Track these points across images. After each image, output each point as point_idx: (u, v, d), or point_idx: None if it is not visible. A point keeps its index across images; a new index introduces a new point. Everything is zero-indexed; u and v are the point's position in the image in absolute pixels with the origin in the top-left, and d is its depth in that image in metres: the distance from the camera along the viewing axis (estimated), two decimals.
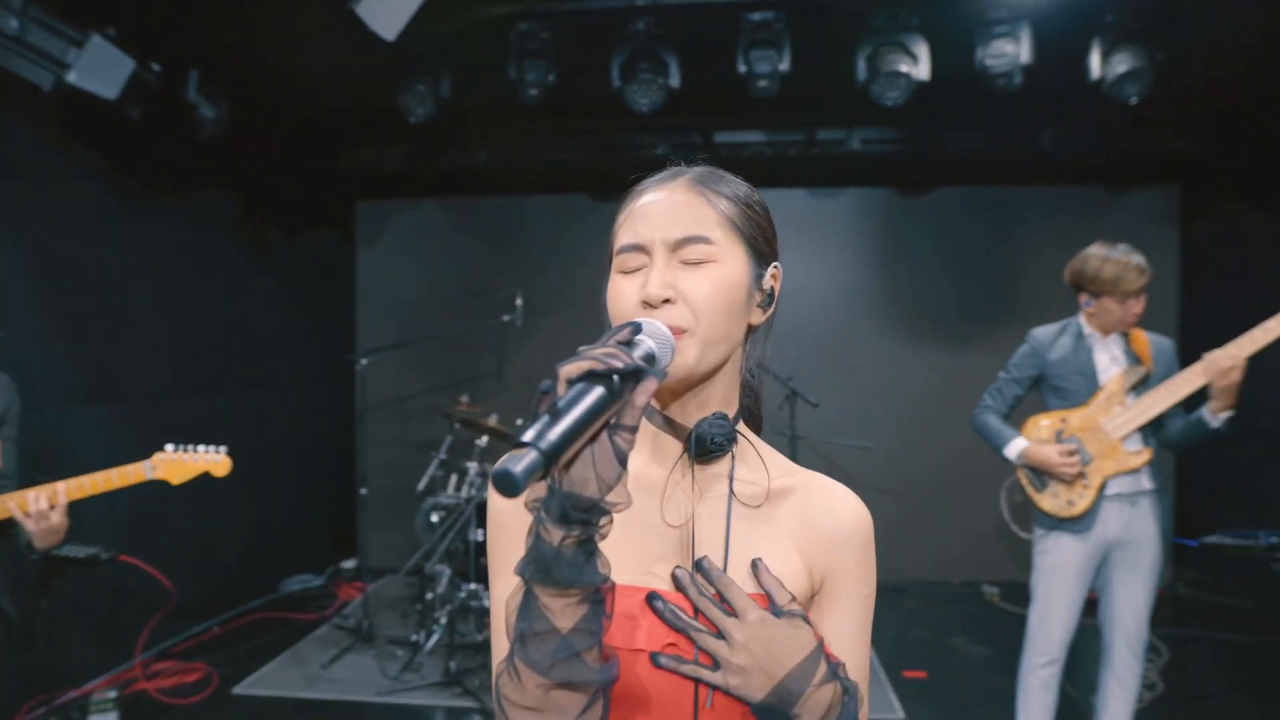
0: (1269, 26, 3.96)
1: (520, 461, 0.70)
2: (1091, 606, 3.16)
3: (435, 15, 3.23)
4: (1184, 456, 5.82)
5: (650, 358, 0.84)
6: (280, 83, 4.65)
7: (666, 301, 0.92)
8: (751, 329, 1.03)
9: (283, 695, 4.22)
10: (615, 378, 0.76)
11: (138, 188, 4.62)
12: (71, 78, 3.22)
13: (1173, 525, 5.62)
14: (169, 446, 2.55)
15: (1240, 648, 4.76)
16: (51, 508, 2.33)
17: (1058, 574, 3.08)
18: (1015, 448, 3.14)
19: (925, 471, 6.08)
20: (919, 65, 4.07)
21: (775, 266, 1.04)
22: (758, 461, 1.03)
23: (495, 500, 1.00)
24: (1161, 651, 4.60)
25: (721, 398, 1.01)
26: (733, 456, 1.01)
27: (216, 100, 4.17)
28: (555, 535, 0.78)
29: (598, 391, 0.75)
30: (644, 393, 0.78)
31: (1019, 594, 3.20)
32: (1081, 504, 3.01)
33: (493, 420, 5.12)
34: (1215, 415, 2.87)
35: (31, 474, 2.53)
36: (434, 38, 3.87)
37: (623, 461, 0.78)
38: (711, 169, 1.04)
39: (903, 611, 5.59)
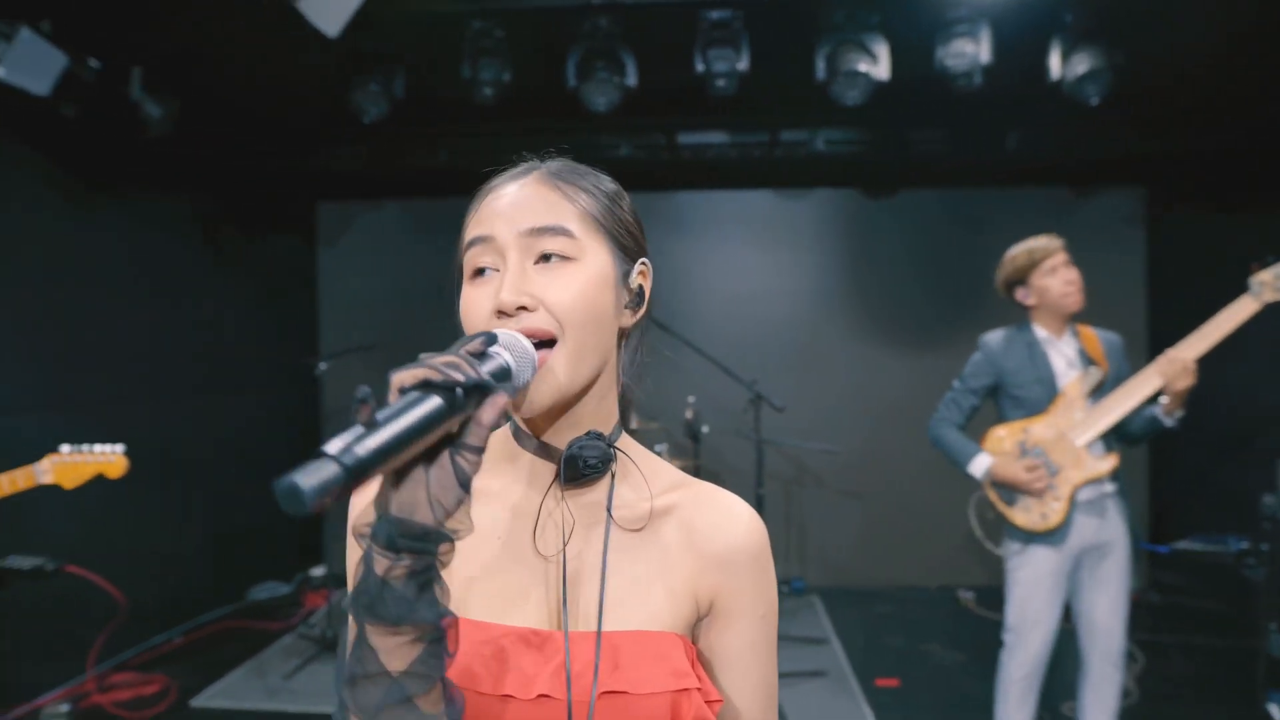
0: (1229, 25, 3.96)
1: (313, 475, 0.59)
2: (1066, 611, 3.11)
3: (381, 11, 3.17)
4: (1155, 460, 5.85)
5: (504, 372, 0.76)
6: (231, 81, 4.59)
7: (523, 309, 0.84)
8: (624, 333, 0.96)
9: (243, 707, 4.15)
10: (458, 391, 0.68)
11: (83, 188, 4.54)
12: (0, 73, 3.13)
13: (1142, 527, 5.62)
14: (64, 447, 2.48)
15: (1214, 652, 4.73)
16: None
17: (1037, 587, 3.01)
18: (980, 465, 3.06)
19: (897, 475, 6.04)
20: (878, 65, 4.04)
21: (643, 263, 0.96)
22: (641, 480, 0.95)
23: (351, 517, 0.90)
24: (1137, 657, 4.56)
25: (595, 414, 0.93)
26: (612, 477, 0.93)
27: (163, 99, 4.09)
28: (382, 565, 0.70)
29: (432, 404, 0.67)
30: (491, 409, 0.71)
31: (995, 599, 3.16)
32: (1055, 517, 2.95)
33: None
34: (1169, 415, 2.86)
35: None
36: (385, 35, 3.82)
37: (464, 485, 0.71)
38: (570, 162, 0.96)
39: (875, 618, 5.54)
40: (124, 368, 4.78)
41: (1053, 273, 2.99)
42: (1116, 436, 3.01)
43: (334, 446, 0.62)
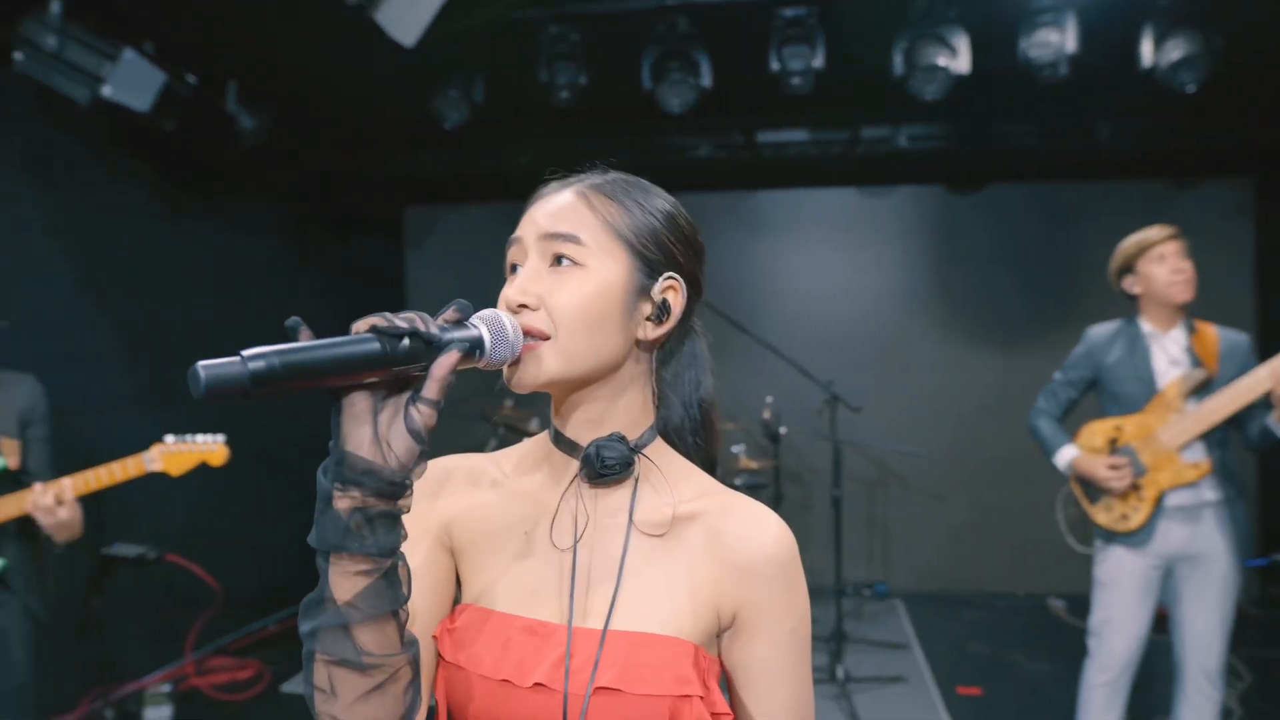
0: None
1: (217, 366, 0.62)
2: (1163, 622, 3.00)
3: (457, 19, 3.26)
4: (1265, 469, 5.55)
5: (476, 342, 0.80)
6: (319, 92, 4.78)
7: (524, 307, 0.88)
8: (654, 344, 0.97)
9: None
10: (403, 340, 0.72)
11: (184, 196, 4.80)
12: (105, 91, 3.35)
13: (1251, 540, 5.31)
14: (168, 438, 2.60)
15: None
16: (59, 503, 2.40)
17: (1116, 588, 2.93)
18: (1064, 457, 3.01)
19: (984, 477, 5.91)
20: (958, 58, 3.96)
21: (672, 277, 0.95)
22: (667, 486, 0.96)
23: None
24: (1243, 675, 4.33)
25: (620, 417, 0.94)
26: (635, 481, 0.94)
27: (256, 111, 4.30)
28: (329, 495, 0.74)
29: (367, 344, 0.70)
30: (443, 366, 0.75)
31: (1087, 607, 3.07)
32: (1136, 518, 2.85)
33: (534, 425, 5.17)
34: (1279, 424, 2.68)
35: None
36: (463, 42, 3.92)
37: (415, 434, 0.75)
38: (625, 176, 0.99)
39: (961, 624, 5.43)
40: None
41: (1160, 260, 2.88)
42: (1240, 440, 2.87)
43: (250, 351, 0.65)
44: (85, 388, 3.91)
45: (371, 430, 0.74)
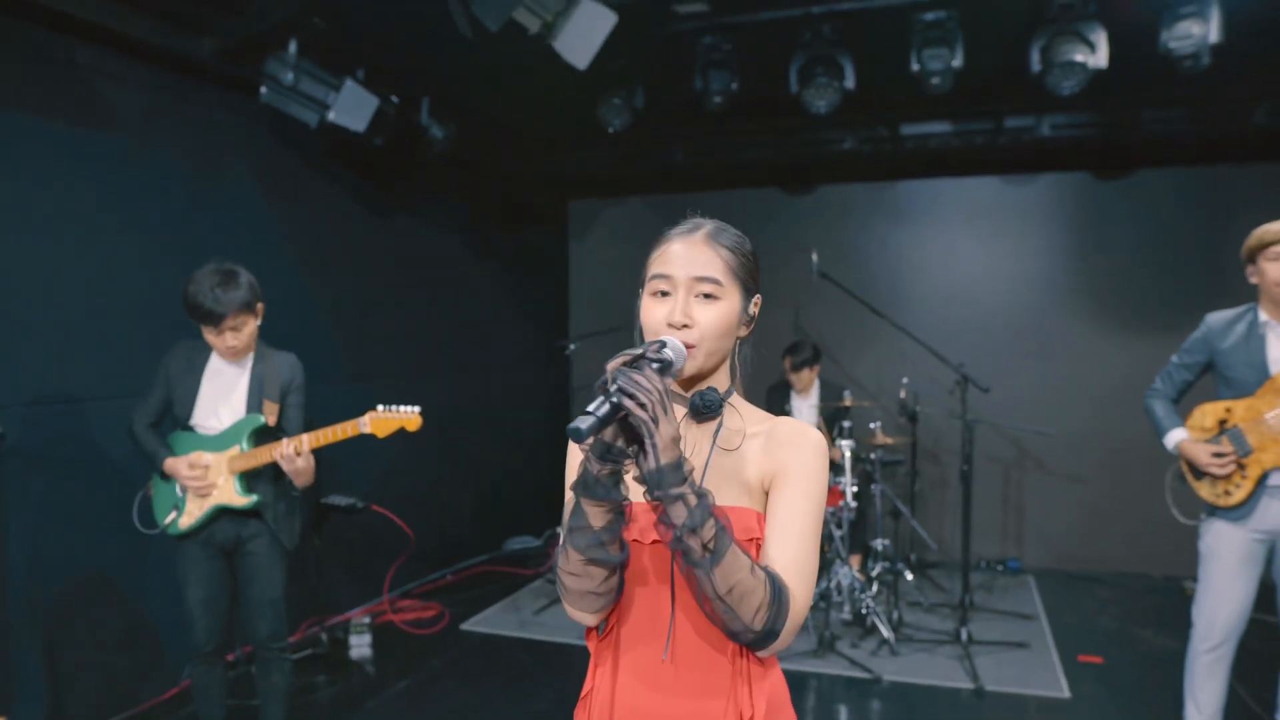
0: None
1: (584, 423, 1.10)
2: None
3: (623, 33, 3.60)
4: None
5: (669, 364, 1.25)
6: (498, 105, 5.29)
7: (685, 326, 1.31)
8: (740, 339, 1.43)
9: (501, 634, 4.90)
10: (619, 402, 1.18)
11: (383, 199, 5.45)
12: (331, 116, 3.97)
13: None
14: (379, 406, 3.09)
15: None
16: (297, 453, 2.98)
17: (1217, 559, 3.11)
18: (1172, 439, 3.18)
19: (1122, 460, 5.92)
20: (1096, 53, 4.03)
21: (757, 297, 1.42)
22: (741, 421, 1.40)
23: (571, 447, 1.45)
24: None
25: (715, 381, 1.41)
26: (720, 417, 1.39)
27: (444, 122, 4.86)
28: (595, 467, 1.20)
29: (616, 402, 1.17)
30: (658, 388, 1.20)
31: None
32: (1238, 494, 3.02)
33: None
34: None
35: None
36: (626, 54, 4.28)
37: (635, 439, 1.20)
38: (720, 225, 1.42)
39: (1092, 600, 5.54)
40: (408, 347, 5.69)
41: (1276, 259, 2.96)
42: None
43: (592, 406, 1.14)
44: (305, 363, 4.60)
45: (615, 434, 1.20)
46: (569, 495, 1.34)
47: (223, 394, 3.11)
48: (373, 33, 4.17)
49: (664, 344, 1.27)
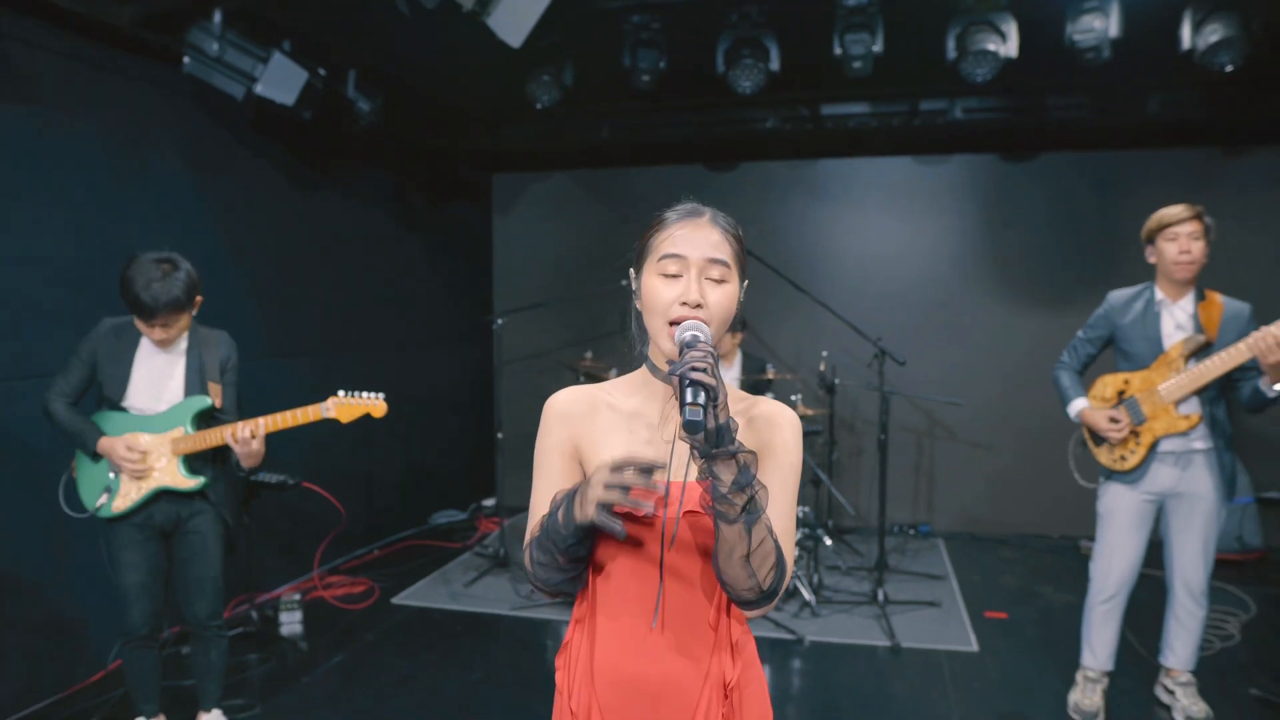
0: None
1: (696, 415, 1.18)
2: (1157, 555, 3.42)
3: (552, 11, 3.62)
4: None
5: (708, 343, 1.33)
6: (425, 78, 5.25)
7: (698, 305, 1.37)
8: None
9: (432, 606, 4.94)
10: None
11: (309, 172, 5.36)
12: (258, 89, 3.89)
13: (1249, 484, 5.58)
14: (340, 392, 3.10)
15: None
16: (253, 436, 2.97)
17: (1113, 519, 3.40)
18: (1075, 407, 3.47)
19: (1025, 429, 6.24)
20: (1008, 43, 4.25)
21: (746, 281, 1.49)
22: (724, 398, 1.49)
23: (544, 426, 1.49)
24: (1250, 607, 4.72)
25: None
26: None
27: (371, 95, 4.80)
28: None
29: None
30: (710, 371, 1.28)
31: None
32: (1132, 460, 3.30)
33: (613, 374, 5.64)
34: (1270, 386, 3.01)
35: (240, 414, 3.19)
36: (556, 32, 4.30)
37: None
38: (717, 211, 1.49)
39: (996, 560, 5.85)
40: (332, 322, 5.63)
41: (1173, 240, 3.19)
42: (1237, 401, 3.20)
43: (702, 399, 1.21)
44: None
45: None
46: (538, 487, 1.40)
47: (160, 376, 3.06)
48: (298, 2, 4.10)
49: (693, 328, 1.33)
